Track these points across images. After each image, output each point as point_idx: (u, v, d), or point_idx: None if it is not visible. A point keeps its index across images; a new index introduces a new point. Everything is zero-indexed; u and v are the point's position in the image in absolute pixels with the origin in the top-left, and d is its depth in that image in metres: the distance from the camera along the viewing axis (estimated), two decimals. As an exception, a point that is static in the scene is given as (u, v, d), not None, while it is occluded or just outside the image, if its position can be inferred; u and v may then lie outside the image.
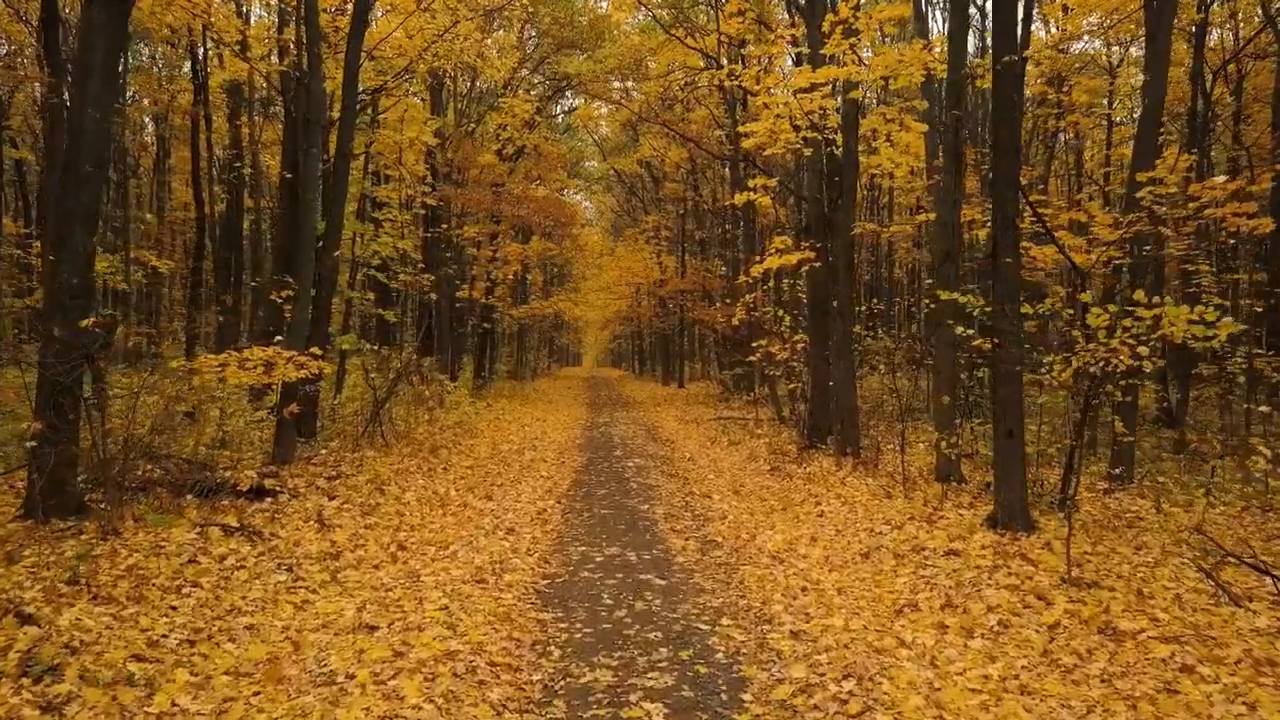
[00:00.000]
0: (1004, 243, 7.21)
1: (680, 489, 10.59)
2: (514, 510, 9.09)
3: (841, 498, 9.43)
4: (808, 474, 11.01)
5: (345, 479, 10.29)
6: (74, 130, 6.89)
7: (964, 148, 10.37)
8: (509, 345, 41.71)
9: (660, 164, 34.04)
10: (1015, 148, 7.36)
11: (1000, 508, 7.33)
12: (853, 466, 11.17)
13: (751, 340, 24.67)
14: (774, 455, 12.81)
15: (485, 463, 12.55)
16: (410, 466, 11.68)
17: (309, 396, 12.61)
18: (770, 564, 6.95)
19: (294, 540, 7.20)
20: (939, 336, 10.02)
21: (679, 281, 29.41)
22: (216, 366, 9.44)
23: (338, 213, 12.86)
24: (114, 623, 4.98)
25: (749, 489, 10.48)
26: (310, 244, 10.30)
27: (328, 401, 15.76)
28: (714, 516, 8.86)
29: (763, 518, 8.78)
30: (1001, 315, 7.27)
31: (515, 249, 27.07)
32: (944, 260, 9.89)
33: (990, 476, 9.75)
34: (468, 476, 11.24)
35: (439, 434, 15.18)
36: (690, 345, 39.97)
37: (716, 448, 14.72)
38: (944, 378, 9.99)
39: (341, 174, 12.87)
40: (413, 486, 10.29)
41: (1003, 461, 7.32)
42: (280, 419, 10.43)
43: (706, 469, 12.17)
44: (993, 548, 6.83)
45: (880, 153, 11.75)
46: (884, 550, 7.19)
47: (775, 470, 11.64)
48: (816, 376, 12.94)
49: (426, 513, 8.87)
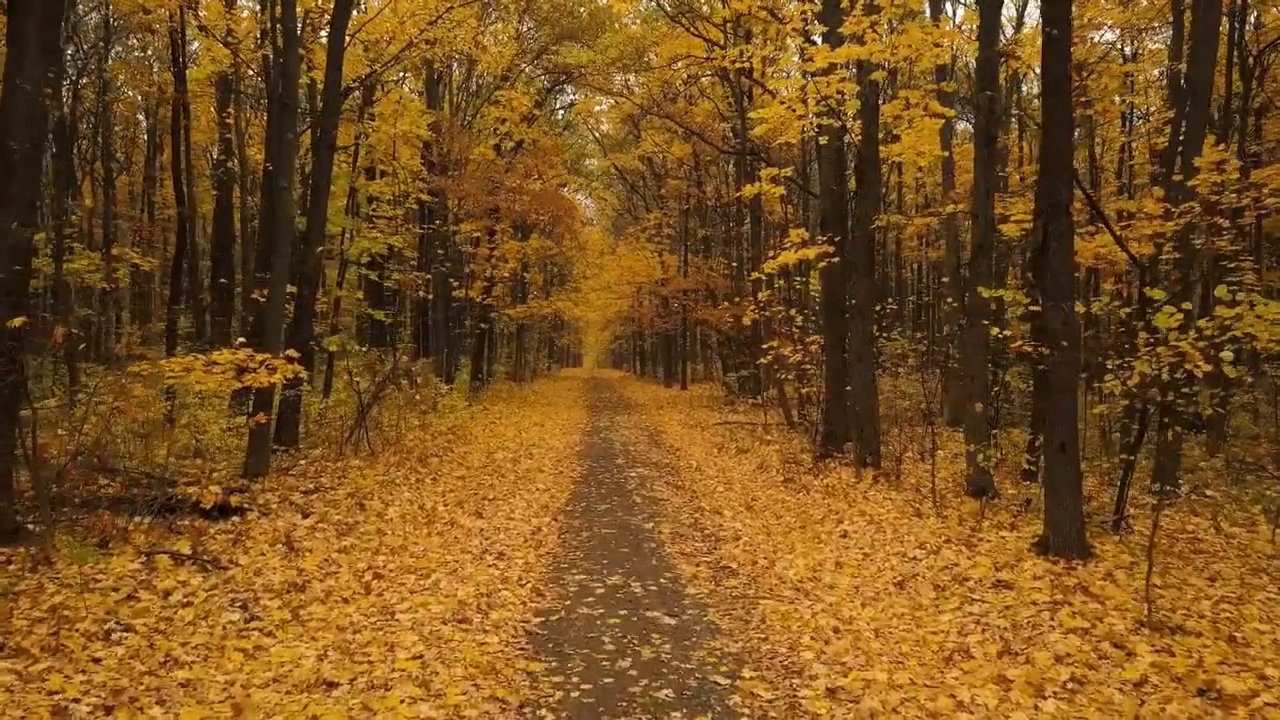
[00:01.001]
0: (1056, 231, 6.39)
1: (688, 503, 9.77)
2: (506, 529, 8.27)
3: (865, 515, 8.61)
4: (825, 486, 10.19)
5: (324, 492, 9.48)
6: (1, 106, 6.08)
7: (997, 132, 9.55)
8: (508, 346, 40.90)
9: (662, 160, 33.25)
10: (1069, 123, 6.54)
11: (1051, 531, 6.51)
12: (873, 478, 10.35)
13: (758, 341, 23.85)
14: (787, 465, 11.99)
15: (478, 473, 11.74)
16: (397, 477, 10.87)
17: (290, 402, 11.81)
18: (794, 596, 6.13)
19: (255, 569, 6.38)
20: (969, 337, 9.19)
21: (682, 280, 28.59)
22: (179, 371, 8.64)
23: (321, 206, 12.05)
24: (16, 683, 4.16)
25: (762, 503, 9.65)
26: (287, 237, 9.48)
27: (314, 406, 14.96)
28: (726, 537, 8.03)
29: (780, 538, 7.96)
30: (1054, 314, 6.44)
31: (513, 247, 26.26)
32: (976, 254, 9.07)
33: (1029, 491, 8.93)
34: (458, 489, 10.42)
35: (430, 441, 14.37)
36: (692, 346, 39.14)
37: (724, 455, 13.89)
38: (975, 383, 9.16)
39: (324, 164, 12.07)
40: (397, 500, 9.48)
41: (1054, 479, 6.49)
42: (253, 428, 9.62)
43: (715, 480, 11.35)
44: (1048, 579, 6.00)
45: (903, 140, 10.91)
46: (921, 580, 6.37)
47: (789, 482, 10.82)
48: (832, 380, 12.12)
49: (410, 532, 8.05)
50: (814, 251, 10.24)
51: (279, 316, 9.42)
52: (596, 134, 39.38)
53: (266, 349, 9.25)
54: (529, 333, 42.42)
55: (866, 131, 10.61)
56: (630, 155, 32.85)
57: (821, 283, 12.04)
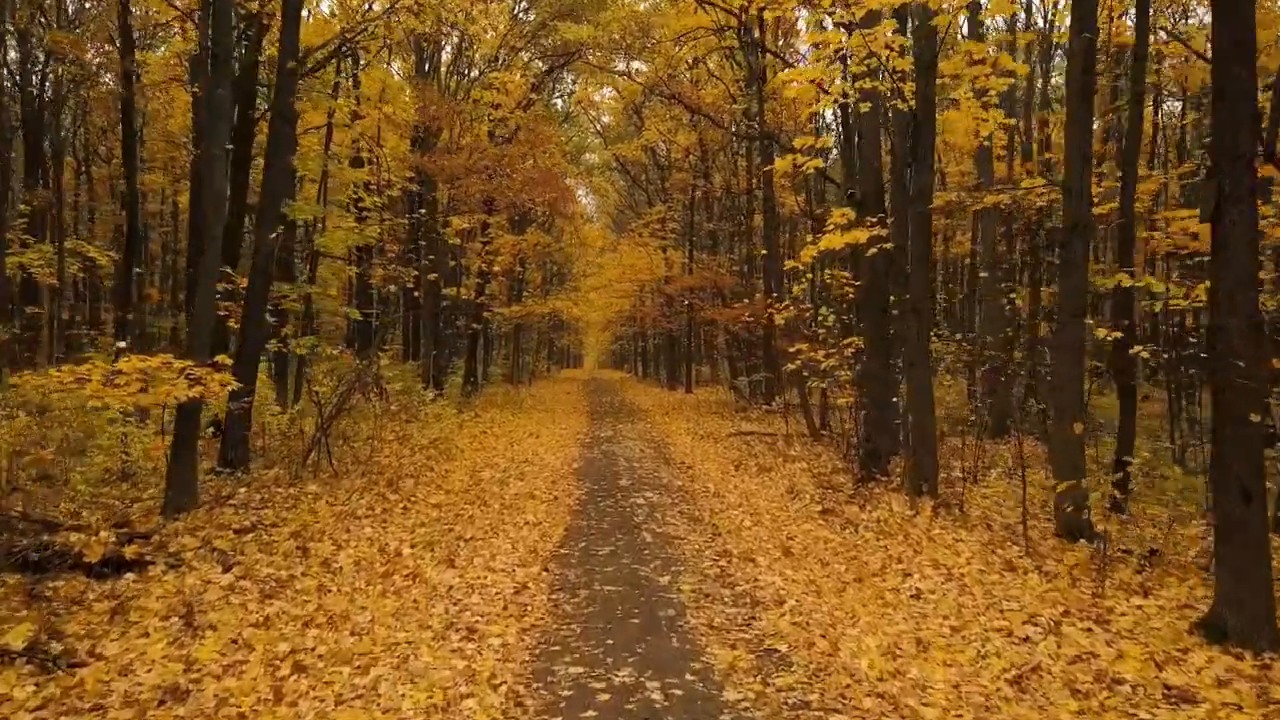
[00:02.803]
0: (1235, 194, 4.61)
1: (709, 544, 7.98)
2: (482, 586, 6.49)
3: (937, 564, 6.83)
4: (876, 522, 8.40)
5: (262, 531, 7.70)
6: None
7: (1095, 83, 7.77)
8: (505, 347, 39.15)
9: (666, 151, 31.49)
10: (1248, 43, 4.75)
11: (1229, 609, 4.73)
12: (932, 510, 8.57)
13: (772, 343, 22.07)
14: (822, 489, 10.21)
15: (458, 499, 9.96)
16: (360, 506, 9.10)
17: (237, 416, 10.06)
18: (878, 710, 4.35)
19: (123, 665, 4.60)
20: (1062, 339, 7.41)
21: (687, 278, 26.79)
22: (71, 382, 6.86)
23: (276, 185, 10.29)
24: None
25: (801, 544, 7.87)
26: (218, 217, 7.69)
27: (278, 419, 13.18)
28: (766, 599, 6.25)
29: (834, 599, 6.19)
30: (1228, 312, 4.66)
31: (508, 241, 24.50)
32: (1070, 236, 7.29)
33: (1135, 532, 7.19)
34: (431, 522, 8.65)
35: (409, 457, 12.60)
36: (697, 348, 37.34)
37: (744, 475, 12.11)
38: (1067, 395, 7.37)
39: (281, 138, 10.30)
40: (354, 540, 7.71)
41: (1233, 538, 4.72)
42: (175, 451, 7.84)
43: (738, 510, 9.56)
44: (1241, 684, 4.23)
45: (961, 106, 9.14)
46: (1048, 678, 4.60)
47: (829, 513, 9.04)
48: (873, 388, 10.34)
49: (360, 589, 6.29)
50: (865, 234, 8.46)
51: (208, 314, 7.65)
52: (597, 125, 37.65)
53: (191, 354, 7.48)
54: (527, 333, 40.69)
55: (921, 93, 8.83)
56: (632, 145, 31.06)
57: (864, 275, 10.25)
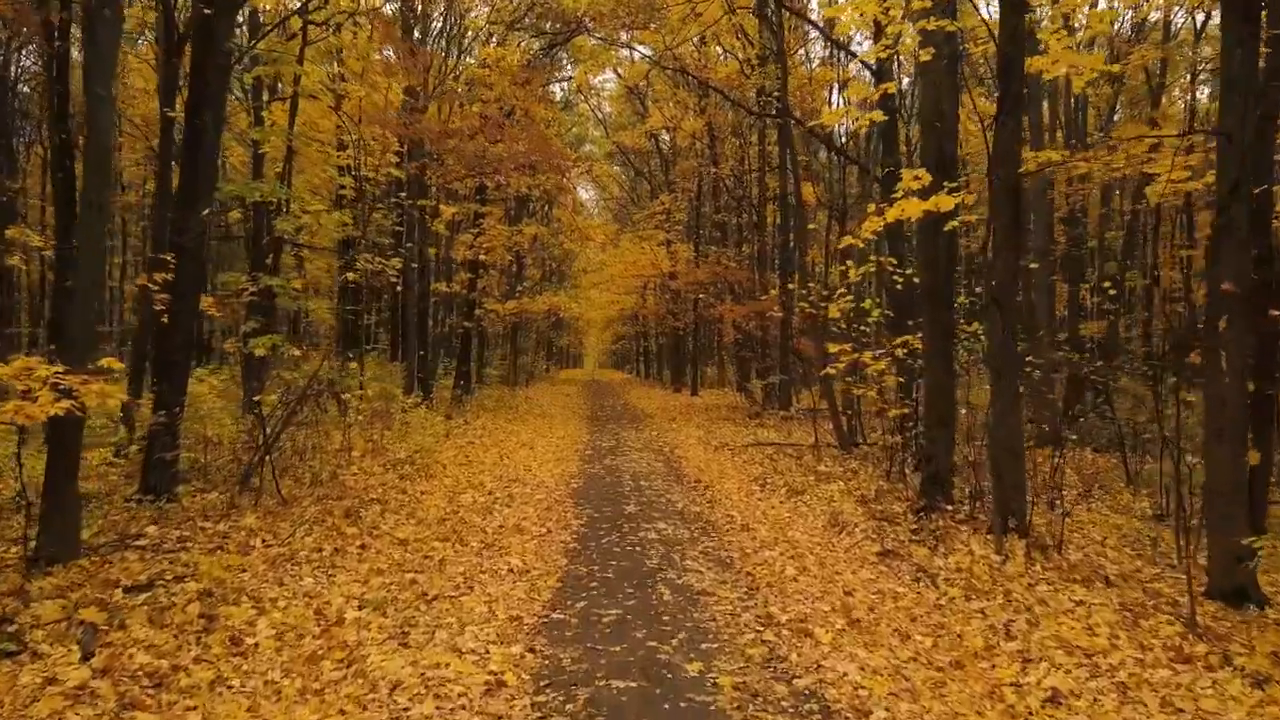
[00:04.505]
0: None
1: (747, 604, 6.14)
2: (442, 683, 4.65)
3: (1065, 642, 5.01)
4: (957, 570, 6.57)
5: (162, 589, 5.88)
6: None
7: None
8: (503, 347, 37.34)
9: (671, 139, 29.67)
10: None
11: None
12: (1026, 553, 6.75)
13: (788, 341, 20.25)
14: (873, 520, 8.38)
15: (430, 533, 8.14)
16: (304, 546, 7.29)
17: (157, 433, 8.27)
18: None
19: None
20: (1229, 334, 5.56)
21: (696, 272, 24.96)
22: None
23: (205, 150, 8.48)
24: None
25: (865, 602, 6.04)
26: (103, 174, 5.87)
27: (227, 430, 11.35)
28: (840, 703, 4.41)
29: (934, 702, 4.36)
30: None
31: (502, 232, 22.70)
32: (1229, 200, 5.46)
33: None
34: (390, 570, 6.83)
35: (379, 475, 10.78)
36: (701, 346, 35.50)
37: (771, 497, 10.29)
38: (1230, 411, 5.53)
39: (213, 90, 8.50)
40: (285, 598, 5.91)
41: None
42: (48, 484, 6.02)
43: (775, 549, 7.72)
44: None
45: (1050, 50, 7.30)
46: None
47: (891, 555, 7.21)
48: (935, 397, 8.51)
49: (272, 686, 4.47)
50: (952, 200, 6.58)
51: (87, 305, 5.82)
52: (598, 114, 35.86)
53: (64, 357, 5.64)
54: (525, 333, 38.87)
55: (1008, 26, 7.00)
56: (635, 133, 29.23)
57: (919, 257, 8.41)
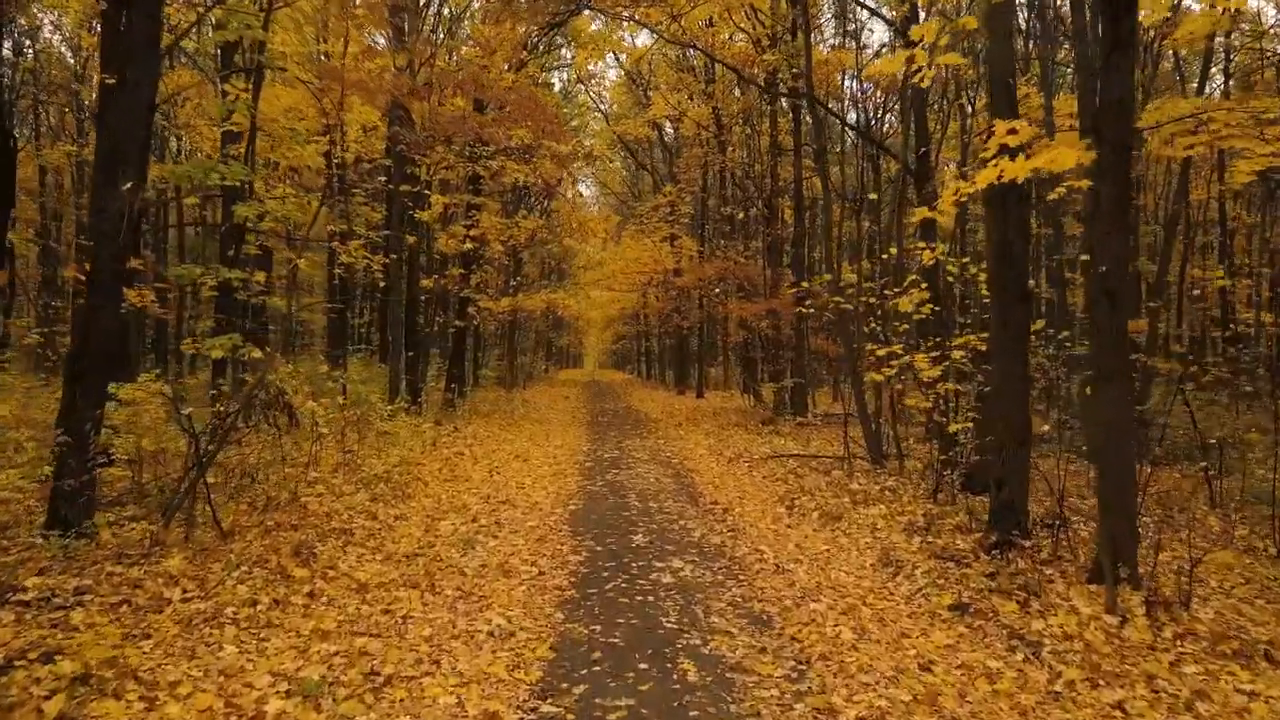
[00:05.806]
0: None
1: (798, 687, 4.66)
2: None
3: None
4: (1066, 637, 5.09)
5: (18, 676, 4.41)
6: None
7: None
8: (500, 347, 35.91)
9: (676, 127, 28.19)
10: None
11: None
12: (1147, 613, 5.28)
13: (803, 341, 18.83)
14: (935, 559, 6.91)
15: (397, 575, 6.67)
16: (235, 598, 5.82)
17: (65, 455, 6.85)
18: None
19: None
20: None
21: (703, 267, 23.49)
22: None
23: (127, 115, 7.03)
24: None
25: (955, 686, 4.57)
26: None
27: (177, 442, 9.88)
28: None
29: None
30: None
31: (497, 224, 21.24)
32: None
33: None
34: (338, 632, 5.36)
35: (348, 496, 9.31)
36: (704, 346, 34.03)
37: (804, 524, 8.81)
38: None
39: (140, 44, 7.07)
40: (184, 686, 4.43)
41: None
42: None
43: (819, 598, 6.24)
44: None
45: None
46: None
47: (970, 612, 5.74)
48: (1005, 407, 7.04)
49: None
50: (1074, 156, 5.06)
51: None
52: (597, 102, 34.37)
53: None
54: (523, 333, 37.44)
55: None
56: (638, 122, 27.75)
57: (987, 241, 6.93)
